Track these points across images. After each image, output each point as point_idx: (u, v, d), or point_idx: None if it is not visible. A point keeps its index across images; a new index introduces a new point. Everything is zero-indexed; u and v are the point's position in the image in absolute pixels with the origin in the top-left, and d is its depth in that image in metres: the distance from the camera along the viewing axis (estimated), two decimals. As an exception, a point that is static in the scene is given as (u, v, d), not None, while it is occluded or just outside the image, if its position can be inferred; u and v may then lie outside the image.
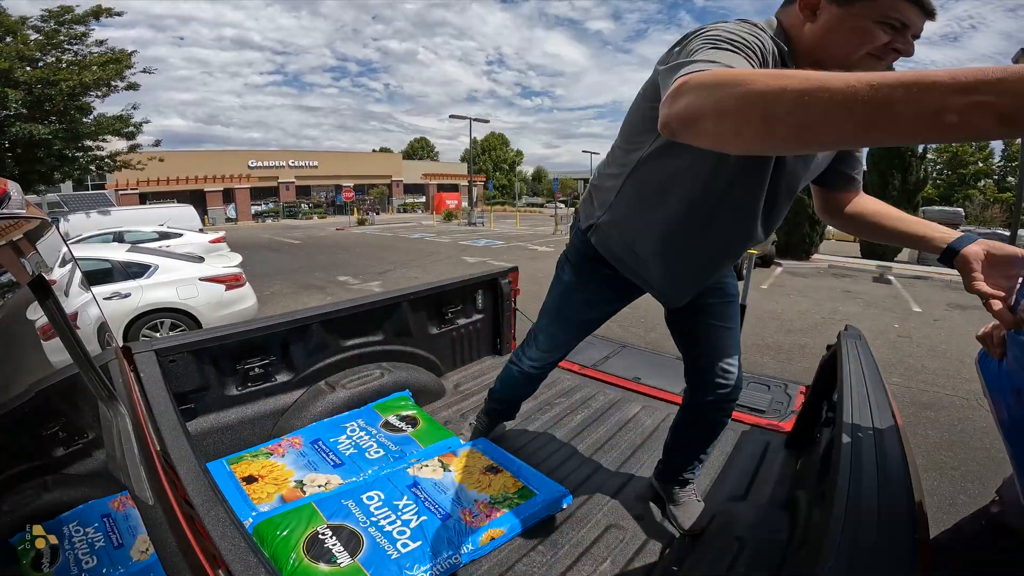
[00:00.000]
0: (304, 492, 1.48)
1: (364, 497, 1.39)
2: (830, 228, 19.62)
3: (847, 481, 0.89)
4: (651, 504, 1.58)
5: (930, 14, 0.81)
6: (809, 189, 1.19)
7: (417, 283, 3.39)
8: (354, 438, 1.78)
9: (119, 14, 12.58)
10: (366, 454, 1.69)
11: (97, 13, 12.32)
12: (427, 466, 1.58)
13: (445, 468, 1.58)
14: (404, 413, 1.96)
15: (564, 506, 1.47)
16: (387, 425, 1.88)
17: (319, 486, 1.51)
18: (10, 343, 0.87)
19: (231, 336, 1.77)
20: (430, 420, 1.94)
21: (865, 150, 1.09)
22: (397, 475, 1.52)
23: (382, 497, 1.40)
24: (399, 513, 1.34)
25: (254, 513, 1.36)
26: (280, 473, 1.56)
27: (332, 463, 1.63)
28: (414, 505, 1.38)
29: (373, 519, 1.30)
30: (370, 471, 1.59)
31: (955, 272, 0.85)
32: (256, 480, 1.51)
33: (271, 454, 1.66)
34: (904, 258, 15.90)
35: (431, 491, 1.45)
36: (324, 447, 1.71)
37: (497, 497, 1.45)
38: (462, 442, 1.80)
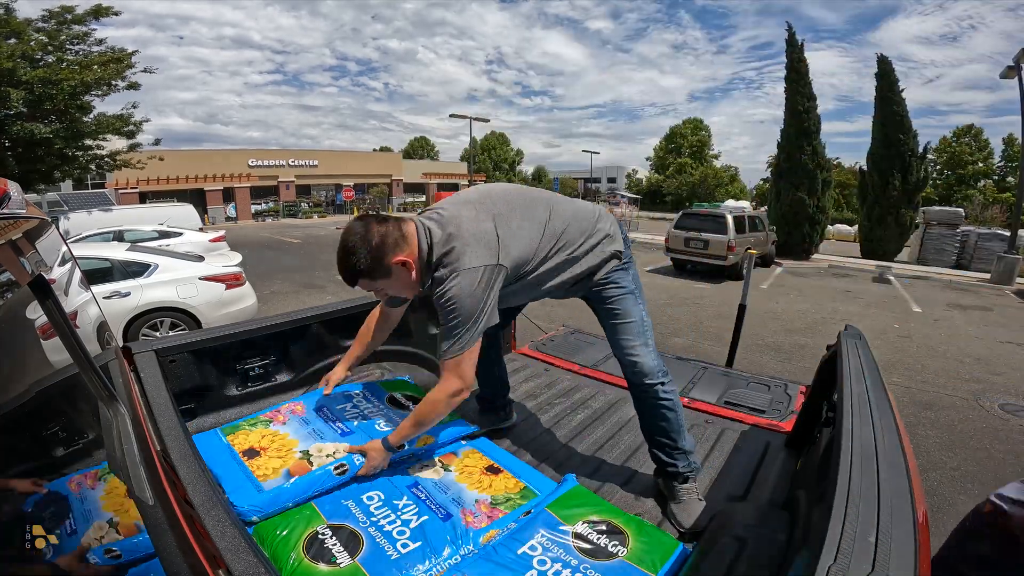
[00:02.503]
0: (312, 464, 1.39)
1: (364, 497, 1.39)
2: (830, 228, 19.64)
3: (847, 481, 0.89)
4: (652, 503, 1.59)
5: None
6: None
7: (417, 283, 3.36)
8: (361, 408, 1.70)
9: (117, 13, 12.59)
10: (375, 426, 1.60)
11: (97, 12, 12.33)
12: (427, 466, 1.58)
13: (445, 468, 1.58)
14: (409, 393, 1.89)
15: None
16: (392, 401, 1.80)
17: (327, 455, 1.41)
18: (10, 343, 0.87)
19: (231, 336, 1.77)
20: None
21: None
22: (397, 475, 1.52)
23: (382, 497, 1.39)
24: (399, 513, 1.34)
25: (260, 491, 1.30)
26: (283, 443, 1.45)
27: (339, 431, 1.53)
28: (414, 505, 1.38)
29: (373, 519, 1.30)
30: None
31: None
32: (259, 454, 1.42)
33: (270, 422, 1.54)
34: (904, 258, 15.89)
35: (431, 491, 1.45)
36: (330, 413, 1.60)
37: (498, 498, 1.45)
38: (463, 442, 1.80)
